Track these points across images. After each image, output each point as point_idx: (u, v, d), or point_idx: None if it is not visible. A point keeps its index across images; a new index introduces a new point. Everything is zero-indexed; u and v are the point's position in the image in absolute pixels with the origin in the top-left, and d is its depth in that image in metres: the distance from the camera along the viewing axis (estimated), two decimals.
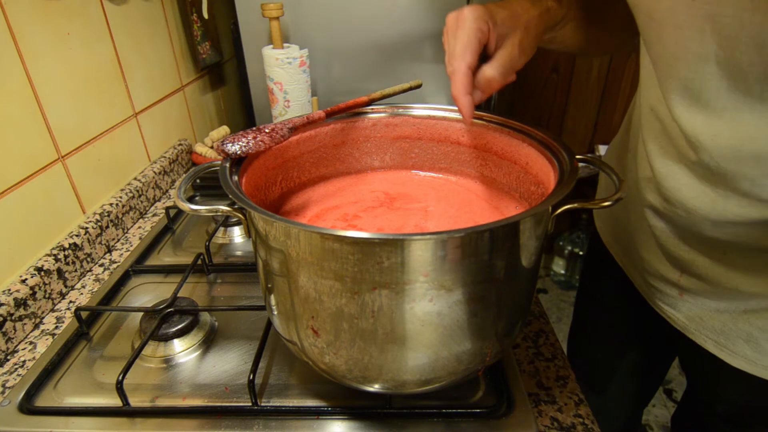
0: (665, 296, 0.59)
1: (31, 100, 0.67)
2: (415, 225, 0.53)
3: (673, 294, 0.58)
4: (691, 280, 0.54)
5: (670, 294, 0.58)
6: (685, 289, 0.56)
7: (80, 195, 0.77)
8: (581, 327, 0.90)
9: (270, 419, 0.50)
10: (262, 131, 0.49)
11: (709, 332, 0.55)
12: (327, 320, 0.41)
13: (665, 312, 0.60)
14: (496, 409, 0.50)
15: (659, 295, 0.60)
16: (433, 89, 1.09)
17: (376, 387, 0.45)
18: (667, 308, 0.59)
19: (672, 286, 0.57)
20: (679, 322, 0.58)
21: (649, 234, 0.58)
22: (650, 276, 0.60)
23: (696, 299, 0.55)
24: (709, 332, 0.55)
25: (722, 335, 0.54)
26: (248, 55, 1.07)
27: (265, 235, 0.40)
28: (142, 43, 0.94)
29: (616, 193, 0.41)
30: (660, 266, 0.58)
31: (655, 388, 0.89)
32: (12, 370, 0.58)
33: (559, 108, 1.91)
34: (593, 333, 0.86)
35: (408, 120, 0.59)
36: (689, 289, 0.55)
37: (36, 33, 0.68)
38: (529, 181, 0.52)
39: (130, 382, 0.54)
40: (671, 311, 0.59)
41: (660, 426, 1.49)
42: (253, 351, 0.58)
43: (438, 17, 1.01)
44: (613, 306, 0.78)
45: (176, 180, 1.04)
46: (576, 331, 0.92)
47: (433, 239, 0.36)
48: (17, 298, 0.61)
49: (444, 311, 0.39)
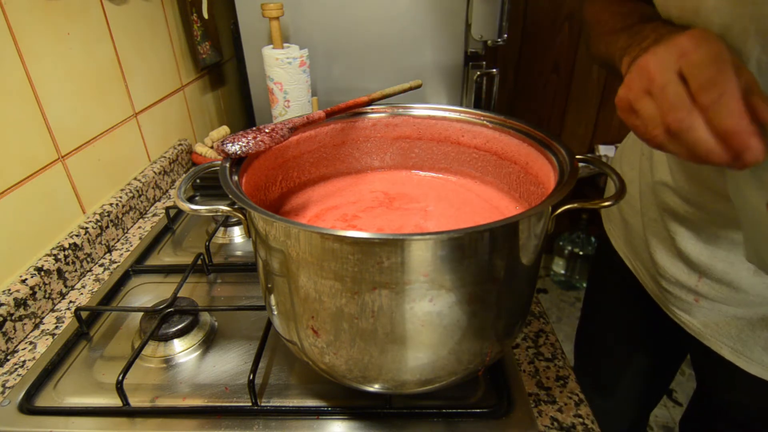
0: (680, 302, 0.58)
1: (31, 100, 0.67)
2: (415, 225, 0.53)
3: (689, 300, 0.56)
4: (710, 284, 0.53)
5: (685, 300, 0.57)
6: (702, 295, 0.55)
7: (80, 195, 0.77)
8: (588, 330, 0.89)
9: (270, 419, 0.50)
10: (262, 131, 0.49)
11: (726, 338, 0.54)
12: (327, 320, 0.41)
13: (679, 318, 0.59)
14: (496, 409, 0.50)
15: (674, 301, 0.59)
16: (433, 89, 1.09)
17: (376, 387, 0.45)
18: (682, 314, 0.58)
19: (688, 291, 0.56)
20: (694, 328, 0.57)
21: (665, 237, 0.57)
22: (665, 281, 0.59)
23: (713, 305, 0.54)
24: (726, 338, 0.54)
25: (739, 342, 0.53)
26: (248, 55, 1.07)
27: (265, 235, 0.40)
28: (142, 43, 0.94)
29: (617, 193, 0.41)
30: (676, 271, 0.57)
31: (662, 391, 0.88)
32: (12, 370, 0.58)
33: (559, 108, 1.91)
34: (600, 336, 0.86)
35: (408, 120, 0.59)
36: (707, 295, 0.54)
37: (36, 33, 0.68)
38: (529, 181, 0.52)
39: (130, 382, 0.54)
40: (686, 317, 0.58)
41: (660, 426, 1.49)
42: (253, 351, 0.58)
43: (438, 17, 1.01)
44: (622, 310, 0.78)
45: (176, 180, 1.03)
46: (583, 334, 0.91)
47: (433, 239, 0.36)
48: (17, 298, 0.61)
49: (444, 311, 0.39)
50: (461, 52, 1.04)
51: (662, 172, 0.55)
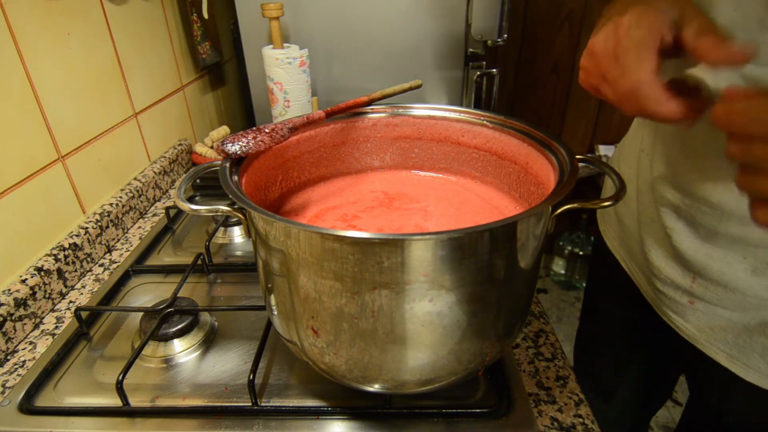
0: (675, 304, 0.57)
1: (31, 100, 0.67)
2: (415, 225, 0.53)
3: (683, 302, 0.56)
4: (705, 285, 0.52)
5: (680, 302, 0.56)
6: (697, 297, 0.54)
7: (80, 195, 0.77)
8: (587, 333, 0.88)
9: (270, 419, 0.50)
10: (262, 131, 0.49)
11: (722, 344, 0.53)
12: (327, 320, 0.41)
13: (673, 321, 0.58)
14: (496, 409, 0.50)
15: (668, 303, 0.58)
16: (433, 89, 1.09)
17: (376, 387, 0.45)
18: (676, 317, 0.57)
19: (683, 293, 0.55)
20: (689, 332, 0.56)
21: (661, 236, 0.56)
22: (659, 282, 0.58)
23: (708, 308, 0.53)
24: (722, 344, 0.53)
25: (735, 348, 0.52)
26: (248, 55, 1.07)
27: (265, 235, 0.40)
28: (142, 43, 0.94)
29: (617, 193, 0.41)
30: (671, 271, 0.56)
31: (664, 396, 0.87)
32: (12, 370, 0.58)
33: (559, 108, 1.91)
34: (599, 340, 0.85)
35: (408, 120, 0.59)
36: (702, 297, 0.53)
37: (36, 33, 0.68)
38: (529, 181, 0.52)
39: (130, 382, 0.54)
40: (680, 321, 0.57)
41: (660, 426, 1.49)
42: (253, 351, 0.58)
43: (438, 17, 1.01)
44: (619, 313, 0.77)
45: (176, 180, 1.03)
46: (582, 337, 0.90)
47: (433, 239, 0.36)
48: (17, 298, 0.61)
49: (444, 311, 0.39)
50: (461, 52, 1.04)
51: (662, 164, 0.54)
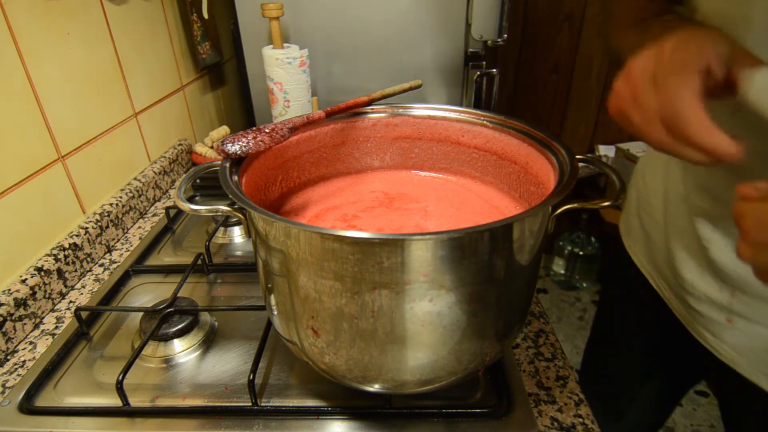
0: (710, 322, 0.53)
1: (31, 100, 0.67)
2: (415, 225, 0.53)
3: (720, 320, 0.52)
4: (746, 301, 0.49)
5: (716, 320, 0.52)
6: (736, 314, 0.50)
7: (80, 195, 0.77)
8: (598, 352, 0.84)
9: (270, 419, 0.50)
10: (262, 131, 0.49)
11: (763, 366, 0.49)
12: (327, 320, 0.41)
13: (709, 342, 0.54)
14: (496, 409, 0.50)
15: (703, 322, 0.54)
16: (433, 89, 1.09)
17: (376, 387, 0.45)
18: (711, 338, 0.53)
19: (720, 309, 0.52)
20: (727, 354, 0.52)
21: (695, 249, 0.53)
22: (693, 299, 0.55)
23: (748, 326, 0.50)
24: (763, 366, 0.49)
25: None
26: (248, 55, 1.07)
27: (265, 235, 0.40)
28: (142, 43, 0.94)
29: (616, 193, 0.41)
30: (706, 287, 0.52)
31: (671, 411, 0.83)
32: (12, 370, 0.58)
33: (559, 108, 1.91)
34: (612, 359, 0.80)
35: (408, 120, 0.59)
36: (742, 314, 0.50)
37: (36, 33, 0.68)
38: (529, 181, 0.52)
39: (130, 382, 0.54)
40: (716, 342, 0.53)
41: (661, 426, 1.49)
42: (253, 351, 0.58)
43: (438, 17, 1.01)
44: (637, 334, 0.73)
45: (176, 180, 1.03)
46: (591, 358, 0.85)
47: (433, 239, 0.36)
48: (17, 298, 0.61)
49: (444, 311, 0.39)
50: (461, 52, 1.04)
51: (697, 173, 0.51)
